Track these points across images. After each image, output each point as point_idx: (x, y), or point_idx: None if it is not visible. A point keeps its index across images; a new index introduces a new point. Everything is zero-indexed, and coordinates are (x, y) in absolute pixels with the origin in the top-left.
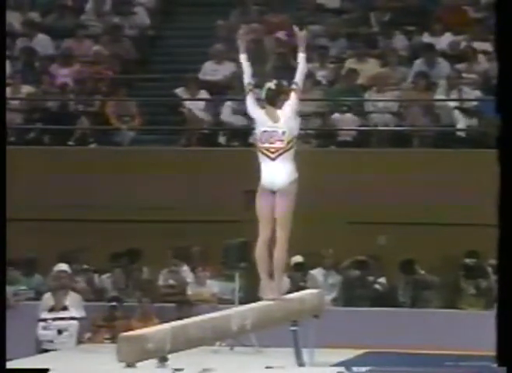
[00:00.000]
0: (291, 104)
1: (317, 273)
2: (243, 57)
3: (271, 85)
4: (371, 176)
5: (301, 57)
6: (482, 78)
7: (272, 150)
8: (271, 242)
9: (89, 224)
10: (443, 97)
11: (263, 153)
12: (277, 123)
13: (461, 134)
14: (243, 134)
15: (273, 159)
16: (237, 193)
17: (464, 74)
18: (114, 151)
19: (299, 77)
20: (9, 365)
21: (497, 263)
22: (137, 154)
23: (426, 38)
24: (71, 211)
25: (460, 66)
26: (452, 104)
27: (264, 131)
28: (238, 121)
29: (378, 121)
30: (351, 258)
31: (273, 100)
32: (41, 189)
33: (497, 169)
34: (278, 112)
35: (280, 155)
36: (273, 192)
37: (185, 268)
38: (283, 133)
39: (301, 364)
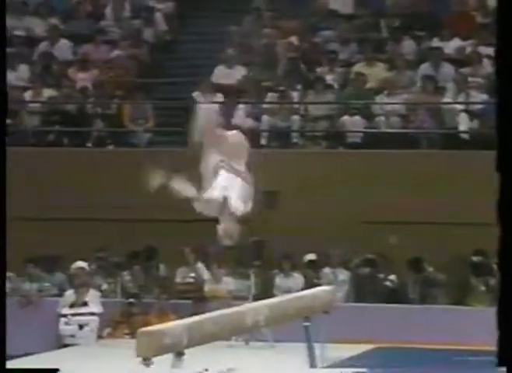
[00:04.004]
0: None
1: (326, 271)
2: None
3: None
4: (380, 177)
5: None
6: (488, 82)
7: None
8: None
9: (110, 223)
10: (451, 100)
11: None
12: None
13: (469, 135)
14: (256, 135)
15: None
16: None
17: (470, 78)
18: (131, 152)
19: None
20: (30, 360)
21: (498, 262)
22: (153, 155)
23: (434, 43)
24: (92, 211)
25: (465, 70)
26: (459, 107)
27: None
28: (250, 124)
29: (386, 123)
30: (361, 256)
31: None
32: (58, 190)
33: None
34: None
35: None
36: None
37: (201, 265)
38: None
39: (313, 358)
